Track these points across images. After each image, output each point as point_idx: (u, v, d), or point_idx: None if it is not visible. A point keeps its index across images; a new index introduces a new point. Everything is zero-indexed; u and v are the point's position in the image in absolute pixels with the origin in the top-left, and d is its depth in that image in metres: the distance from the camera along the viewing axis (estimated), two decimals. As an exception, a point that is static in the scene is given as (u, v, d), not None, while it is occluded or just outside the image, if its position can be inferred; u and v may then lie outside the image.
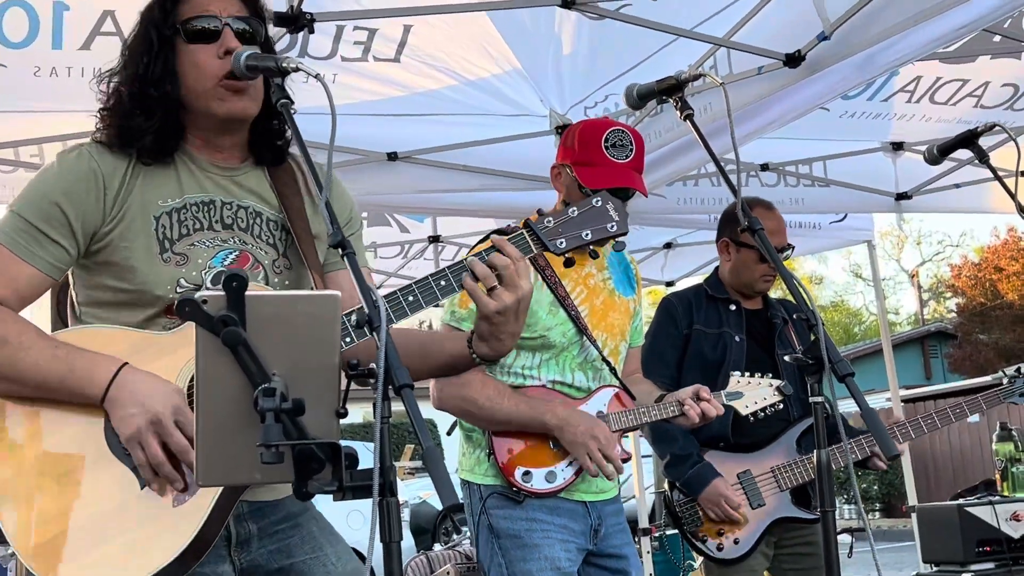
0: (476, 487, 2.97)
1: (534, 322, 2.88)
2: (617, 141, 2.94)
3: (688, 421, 2.99)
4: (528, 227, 2.12)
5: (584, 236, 2.14)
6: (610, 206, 2.17)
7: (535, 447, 2.91)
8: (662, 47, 4.37)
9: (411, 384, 1.57)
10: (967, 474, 15.17)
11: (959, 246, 43.13)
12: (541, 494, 2.89)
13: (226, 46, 2.07)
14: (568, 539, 2.92)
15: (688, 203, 6.03)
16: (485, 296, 2.00)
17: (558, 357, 2.95)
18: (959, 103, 5.43)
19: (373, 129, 4.92)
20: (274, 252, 2.19)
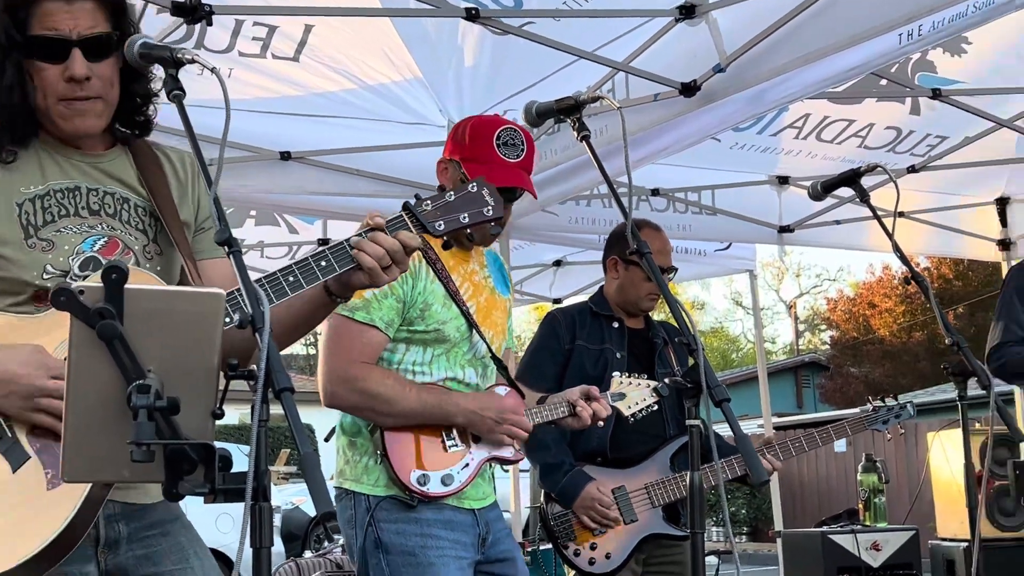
0: (362, 497, 2.80)
1: (429, 315, 2.82)
2: (509, 139, 2.90)
3: (579, 422, 2.98)
4: (407, 209, 2.14)
5: (462, 220, 2.18)
6: (485, 191, 2.22)
7: (430, 449, 2.80)
8: (562, 67, 4.42)
9: (291, 388, 1.55)
10: (832, 503, 15.63)
11: (836, 280, 44.47)
12: (438, 498, 2.78)
13: (71, 72, 2.01)
14: (462, 555, 2.82)
15: (579, 222, 6.10)
16: (382, 272, 2.04)
17: (449, 353, 2.87)
18: (844, 142, 5.62)
19: (267, 127, 4.86)
20: (144, 238, 2.15)
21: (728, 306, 56.98)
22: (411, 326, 2.82)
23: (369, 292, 2.73)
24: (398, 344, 2.84)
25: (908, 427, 15.24)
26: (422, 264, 2.82)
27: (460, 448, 2.84)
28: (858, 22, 3.40)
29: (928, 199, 6.42)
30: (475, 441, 2.87)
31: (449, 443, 2.83)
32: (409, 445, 2.78)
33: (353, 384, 2.75)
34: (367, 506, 2.78)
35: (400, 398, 2.75)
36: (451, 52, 4.48)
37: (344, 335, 2.78)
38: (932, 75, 5.03)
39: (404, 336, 2.84)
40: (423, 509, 2.78)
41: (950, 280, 27.21)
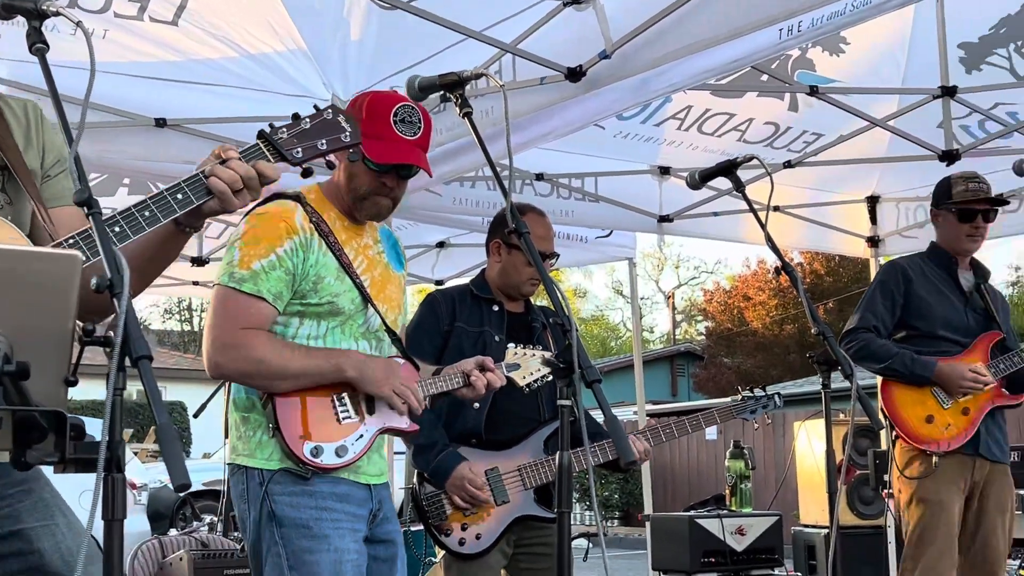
0: (255, 471, 2.75)
1: (322, 288, 2.77)
2: (406, 116, 2.87)
3: (473, 392, 2.99)
4: (263, 138, 2.12)
5: (320, 146, 2.18)
6: (341, 117, 2.23)
7: (323, 421, 2.76)
8: (449, 46, 4.38)
9: (149, 356, 1.49)
10: (701, 489, 16.01)
11: (713, 273, 45.52)
12: (331, 469, 2.74)
13: None
14: (357, 528, 2.79)
15: (463, 204, 6.08)
16: (233, 196, 2.03)
17: (344, 326, 2.83)
18: (724, 136, 5.73)
19: (143, 92, 4.69)
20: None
21: (609, 295, 57.82)
22: (304, 299, 2.78)
23: (257, 264, 2.70)
24: (291, 318, 2.80)
25: (776, 417, 15.71)
26: (314, 237, 2.78)
27: (354, 419, 2.80)
28: (740, 15, 3.46)
29: (802, 195, 6.60)
30: (369, 412, 2.83)
31: (343, 414, 2.79)
32: (300, 416, 2.73)
33: (238, 351, 2.69)
34: (260, 480, 2.74)
35: (287, 360, 2.71)
36: (337, 25, 4.40)
37: (230, 306, 2.72)
38: (811, 73, 5.17)
39: (297, 309, 2.79)
40: (318, 482, 2.74)
41: (821, 275, 28.10)
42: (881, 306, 4.35)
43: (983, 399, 4.25)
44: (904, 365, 4.22)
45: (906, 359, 4.22)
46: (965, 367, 4.20)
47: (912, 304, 4.34)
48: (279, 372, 2.70)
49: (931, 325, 4.32)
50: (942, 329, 4.31)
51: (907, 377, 4.25)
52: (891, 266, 4.56)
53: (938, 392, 4.24)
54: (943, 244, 4.47)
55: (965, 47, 4.94)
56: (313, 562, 2.69)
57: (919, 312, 4.33)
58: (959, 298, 4.37)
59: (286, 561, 2.70)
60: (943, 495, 4.12)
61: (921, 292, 4.35)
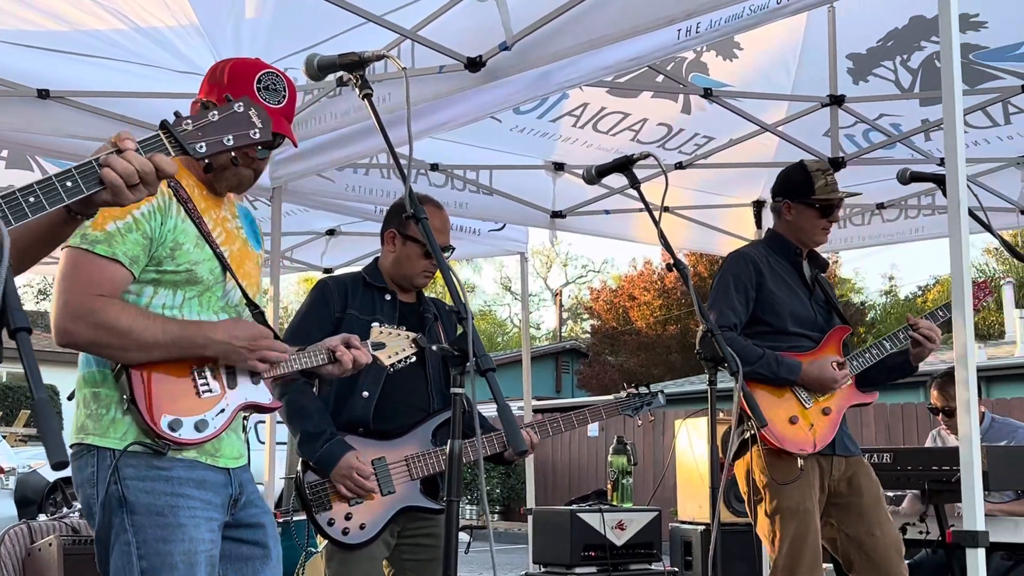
0: (107, 452, 2.57)
1: (180, 254, 2.64)
2: (270, 84, 2.77)
3: (339, 368, 2.92)
4: (165, 129, 1.99)
5: (226, 141, 2.05)
6: (252, 112, 2.09)
7: (182, 394, 2.61)
8: (348, 29, 4.32)
9: (28, 328, 1.42)
10: (583, 485, 16.16)
11: (600, 272, 46.04)
12: (190, 444, 2.59)
13: None
14: (214, 516, 2.65)
15: (356, 191, 6.01)
16: (127, 190, 1.92)
17: (202, 297, 2.70)
18: (618, 134, 5.79)
19: (24, 62, 4.52)
20: None
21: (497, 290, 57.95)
22: (160, 266, 2.64)
23: (112, 225, 2.54)
24: (145, 286, 2.64)
25: (657, 415, 15.96)
26: (172, 202, 2.64)
27: (215, 394, 2.67)
28: (640, 14, 3.49)
29: (691, 196, 6.72)
30: (231, 387, 2.71)
31: (203, 387, 2.65)
32: (158, 388, 2.58)
33: (89, 318, 2.52)
34: (111, 462, 2.56)
35: (142, 329, 2.54)
36: (232, 2, 4.30)
37: (83, 269, 2.54)
38: (705, 76, 5.25)
39: (152, 277, 2.64)
40: (175, 467, 2.59)
41: (705, 277, 28.61)
42: (736, 301, 4.06)
43: (841, 397, 4.09)
44: (770, 368, 3.98)
45: (771, 362, 3.98)
46: (830, 366, 4.03)
47: (763, 298, 4.09)
48: (130, 343, 2.54)
49: (782, 320, 4.09)
50: (792, 324, 4.10)
51: (772, 380, 4.01)
52: (740, 257, 4.23)
53: (799, 391, 4.04)
54: (789, 235, 4.21)
55: (854, 58, 5.08)
56: (166, 552, 2.54)
57: (771, 307, 4.09)
58: (804, 291, 4.19)
59: (136, 550, 2.54)
60: (808, 503, 3.94)
61: (771, 285, 4.11)
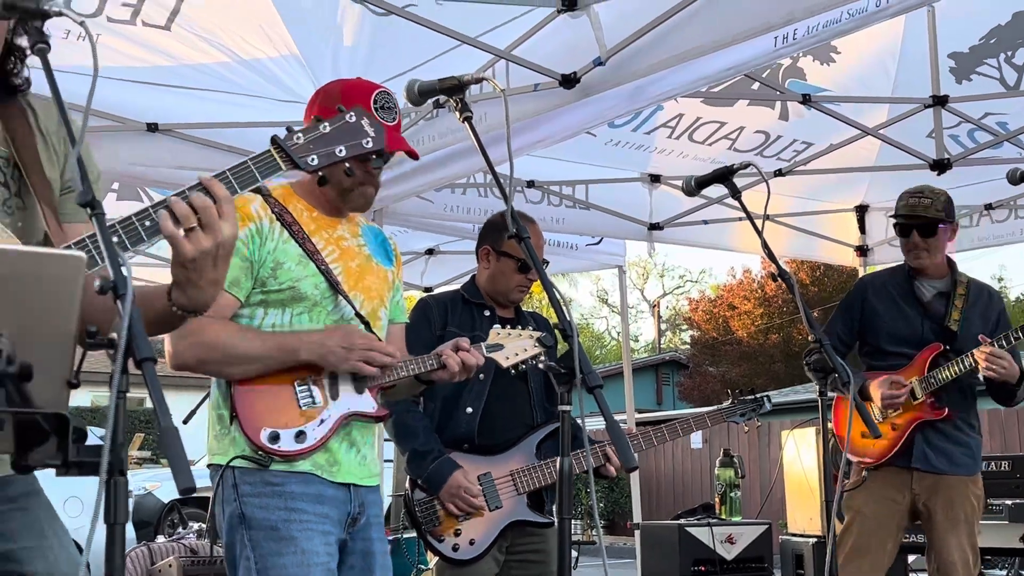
0: (229, 470, 2.67)
1: (281, 273, 2.72)
2: (385, 103, 2.85)
3: (448, 373, 2.91)
4: (276, 144, 1.97)
5: (338, 152, 2.00)
6: (365, 121, 2.04)
7: (283, 408, 2.68)
8: (443, 52, 4.38)
9: (153, 358, 1.47)
10: (687, 498, 16.02)
11: (698, 282, 45.59)
12: (290, 456, 2.66)
13: None
14: (329, 530, 2.71)
15: (454, 211, 6.08)
16: (183, 240, 1.84)
17: (311, 312, 2.76)
18: (715, 144, 5.75)
19: (134, 97, 4.67)
20: (5, 191, 2.00)
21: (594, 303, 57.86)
22: (264, 287, 2.72)
23: None
24: (255, 308, 2.74)
25: (762, 426, 15.73)
26: (275, 225, 2.73)
27: (317, 405, 2.72)
28: (736, 23, 3.46)
29: (792, 203, 6.62)
30: (333, 397, 2.75)
31: (304, 399, 2.71)
32: (258, 403, 2.67)
33: (192, 337, 2.61)
34: (233, 481, 2.67)
35: (239, 341, 2.64)
36: (330, 30, 4.39)
37: None
38: (802, 82, 5.19)
39: (260, 299, 2.73)
40: (289, 482, 2.67)
41: (807, 285, 28.17)
42: (840, 322, 4.51)
43: (909, 415, 4.27)
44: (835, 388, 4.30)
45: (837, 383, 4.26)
46: (887, 386, 4.27)
47: (866, 319, 4.45)
48: (230, 357, 2.63)
49: (878, 339, 4.42)
50: (889, 343, 4.38)
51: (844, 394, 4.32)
52: (857, 282, 4.74)
53: (873, 407, 4.30)
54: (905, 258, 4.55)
55: (955, 57, 4.97)
56: (280, 565, 2.61)
57: (871, 326, 4.44)
58: (916, 310, 4.39)
59: (254, 565, 2.62)
60: (868, 508, 4.26)
61: (876, 306, 4.44)
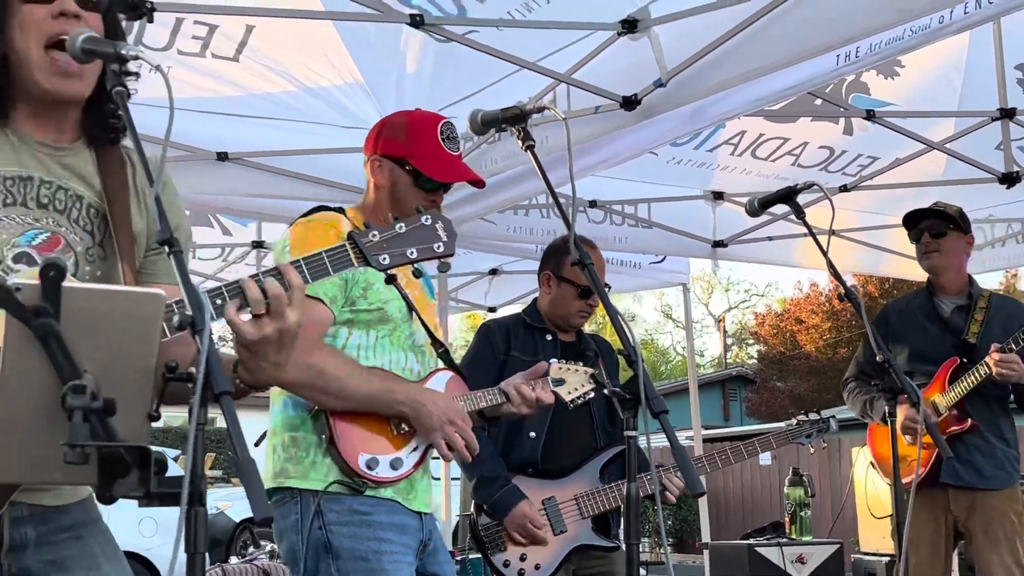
0: (308, 495, 2.68)
1: (371, 293, 2.75)
2: (450, 134, 2.91)
3: (518, 407, 2.95)
4: (351, 239, 2.03)
5: (409, 254, 2.06)
6: (439, 225, 2.10)
7: (376, 432, 2.71)
8: (505, 76, 4.43)
9: (231, 392, 1.52)
10: (756, 516, 15.84)
11: (764, 296, 45.14)
12: (386, 482, 2.70)
13: (62, 7, 1.94)
14: (412, 561, 2.74)
15: (517, 232, 6.11)
16: (244, 325, 1.86)
17: (392, 336, 2.81)
18: (778, 160, 5.72)
19: (204, 127, 4.78)
20: (89, 239, 2.05)
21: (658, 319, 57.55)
22: (354, 306, 2.76)
23: None
24: (340, 327, 2.77)
25: (831, 442, 15.52)
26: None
27: (407, 431, 2.76)
28: (797, 42, 3.46)
29: (858, 218, 6.55)
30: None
31: (396, 428, 2.75)
32: (355, 429, 2.69)
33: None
34: (316, 507, 2.67)
35: (349, 377, 2.66)
36: (393, 57, 4.46)
37: None
38: (866, 96, 5.15)
39: (347, 318, 2.76)
40: (377, 511, 2.69)
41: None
42: (867, 350, 4.52)
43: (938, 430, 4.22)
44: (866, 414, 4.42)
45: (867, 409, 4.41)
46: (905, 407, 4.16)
47: (891, 342, 4.44)
48: (336, 391, 2.65)
49: (905, 360, 4.43)
50: (914, 362, 4.40)
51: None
52: (882, 308, 4.83)
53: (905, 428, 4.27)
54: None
55: (1023, 68, 4.90)
56: None
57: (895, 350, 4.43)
58: (937, 327, 4.41)
59: None
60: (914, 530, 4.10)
61: (899, 329, 4.49)
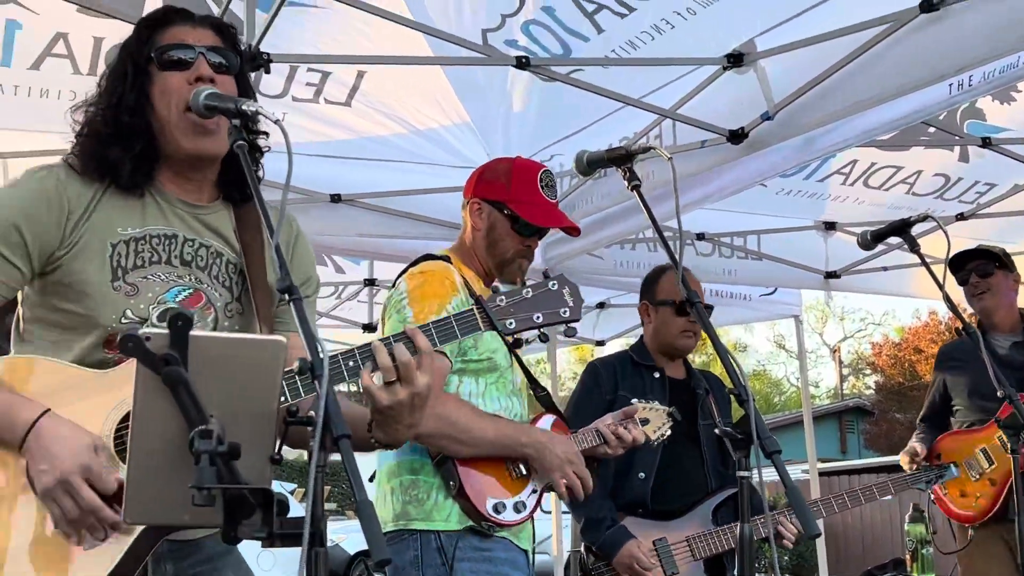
0: (431, 535, 2.76)
1: (481, 343, 2.84)
2: (549, 182, 3.01)
3: (611, 450, 3.01)
4: (479, 304, 2.09)
5: (536, 319, 2.10)
6: (566, 290, 2.14)
7: (497, 476, 2.80)
8: (609, 113, 4.46)
9: (349, 435, 1.56)
10: (875, 551, 15.39)
11: (881, 325, 44.17)
12: (512, 525, 2.79)
13: (198, 73, 2.07)
14: None
15: (624, 266, 6.12)
16: (378, 391, 1.92)
17: (498, 382, 2.89)
18: (892, 188, 5.60)
19: (318, 170, 4.93)
20: (228, 295, 2.15)
21: (771, 349, 56.53)
22: (465, 356, 2.84)
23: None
24: (452, 375, 2.84)
25: (955, 475, 15.00)
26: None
27: (525, 475, 2.85)
28: (908, 72, 3.40)
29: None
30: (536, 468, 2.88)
31: (515, 470, 2.84)
32: (479, 474, 2.78)
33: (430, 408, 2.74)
34: (438, 545, 2.75)
35: (476, 426, 2.76)
36: (500, 98, 4.54)
37: None
38: (981, 123, 5.02)
39: (459, 367, 2.85)
40: (495, 548, 2.79)
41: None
42: (931, 394, 4.75)
43: (1004, 468, 4.19)
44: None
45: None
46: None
47: (949, 385, 4.60)
48: (465, 438, 2.74)
49: (963, 399, 4.51)
50: (973, 401, 4.44)
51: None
52: (937, 352, 4.97)
53: (969, 465, 4.31)
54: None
55: None
56: None
57: (955, 390, 4.57)
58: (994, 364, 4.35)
59: None
60: (979, 570, 4.34)
61: (955, 371, 4.57)
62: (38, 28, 3.73)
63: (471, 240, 3.04)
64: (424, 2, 3.81)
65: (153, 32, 2.13)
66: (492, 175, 3.04)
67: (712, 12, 3.71)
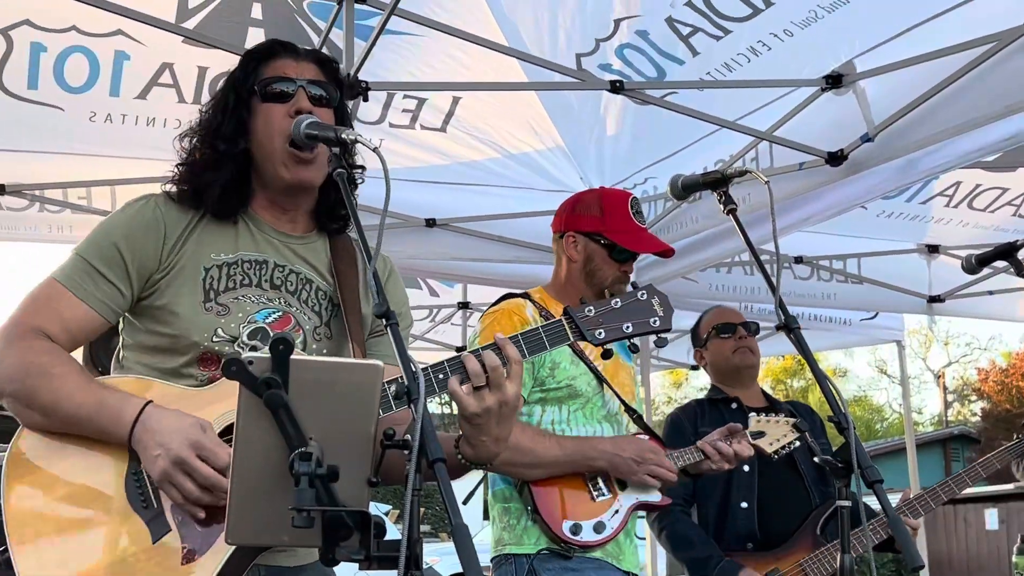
0: (523, 559, 2.85)
1: (558, 372, 2.91)
2: (637, 208, 3.09)
3: (715, 464, 3.01)
4: (567, 315, 2.09)
5: (625, 329, 2.08)
6: (655, 300, 2.13)
7: (578, 500, 2.86)
8: (705, 135, 4.43)
9: (444, 459, 1.58)
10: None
11: (987, 350, 42.81)
12: (592, 545, 2.83)
13: (297, 106, 2.13)
14: None
15: (720, 290, 6.06)
16: (466, 397, 1.92)
17: (584, 408, 2.95)
18: (997, 211, 5.45)
19: (414, 195, 5.00)
20: (317, 319, 2.20)
21: (872, 374, 55.25)
22: (543, 386, 2.92)
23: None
24: (533, 407, 2.93)
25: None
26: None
27: (608, 496, 2.90)
28: (1013, 92, 3.32)
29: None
30: (622, 488, 2.92)
31: (596, 493, 2.89)
32: (557, 497, 2.84)
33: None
34: (529, 567, 2.84)
35: (540, 447, 2.82)
36: (594, 122, 4.54)
37: None
38: (1092, 142, 4.85)
39: (538, 397, 2.93)
40: (585, 568, 2.83)
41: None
42: None
43: None
44: None
45: None
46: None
47: None
48: (531, 461, 2.82)
49: None
50: None
51: None
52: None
53: None
54: None
55: None
56: None
57: None
58: None
59: None
60: None
61: None
62: (145, 59, 3.86)
63: (567, 272, 3.14)
64: (519, 28, 3.85)
65: (258, 64, 2.20)
66: (584, 208, 3.12)
67: (810, 33, 3.67)
